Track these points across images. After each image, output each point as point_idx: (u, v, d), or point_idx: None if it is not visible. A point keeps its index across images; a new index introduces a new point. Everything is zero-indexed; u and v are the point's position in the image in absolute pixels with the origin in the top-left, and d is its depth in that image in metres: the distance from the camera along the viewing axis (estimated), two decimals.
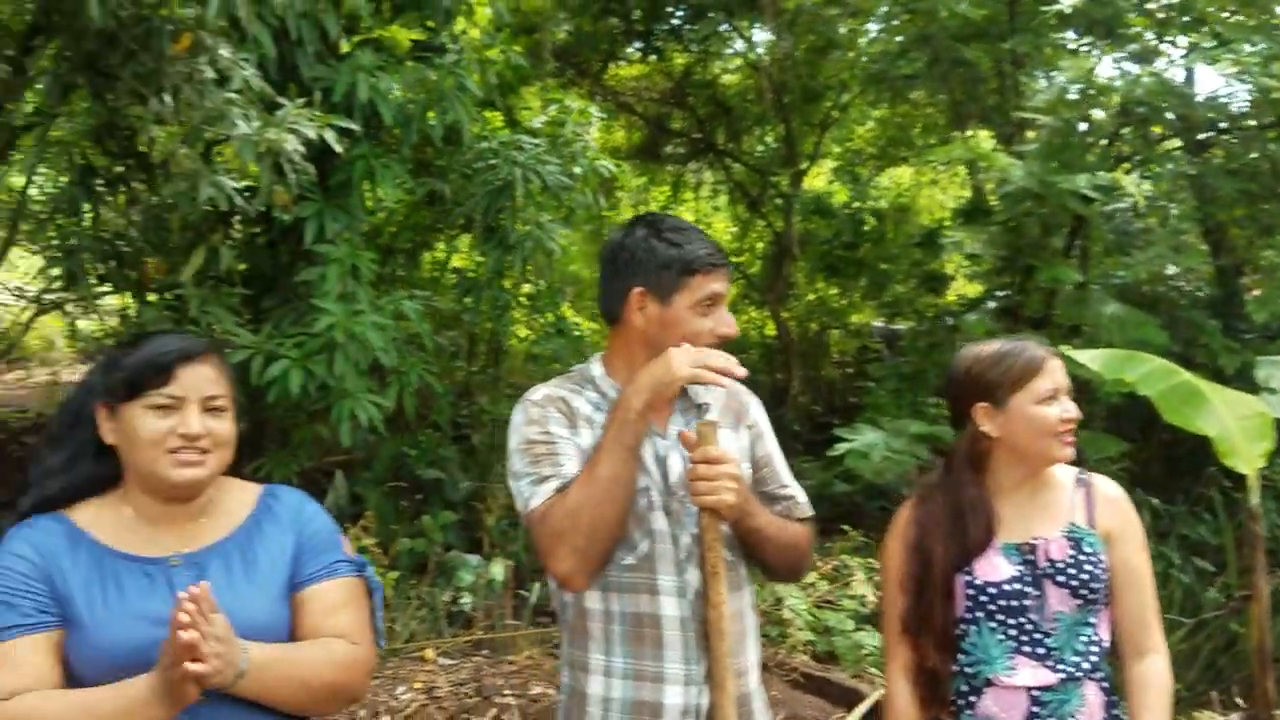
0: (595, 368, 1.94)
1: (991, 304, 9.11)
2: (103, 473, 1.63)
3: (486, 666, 4.38)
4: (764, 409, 2.09)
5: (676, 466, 1.84)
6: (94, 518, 1.60)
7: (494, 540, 5.69)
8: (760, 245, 14.59)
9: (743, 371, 1.73)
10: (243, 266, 5.15)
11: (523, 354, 9.24)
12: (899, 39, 9.77)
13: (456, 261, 7.47)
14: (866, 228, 12.30)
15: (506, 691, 4.06)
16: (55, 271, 4.60)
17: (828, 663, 4.69)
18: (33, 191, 8.80)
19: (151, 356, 1.57)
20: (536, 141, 5.38)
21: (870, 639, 4.73)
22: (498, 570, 5.33)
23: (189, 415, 1.56)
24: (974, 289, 11.19)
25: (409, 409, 5.27)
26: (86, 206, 4.71)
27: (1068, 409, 1.98)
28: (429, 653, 4.51)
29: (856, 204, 12.56)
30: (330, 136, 3.94)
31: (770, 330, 14.20)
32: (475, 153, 5.39)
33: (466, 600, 5.25)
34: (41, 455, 1.66)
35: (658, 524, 1.82)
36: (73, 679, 1.50)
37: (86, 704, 1.45)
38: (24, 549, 1.53)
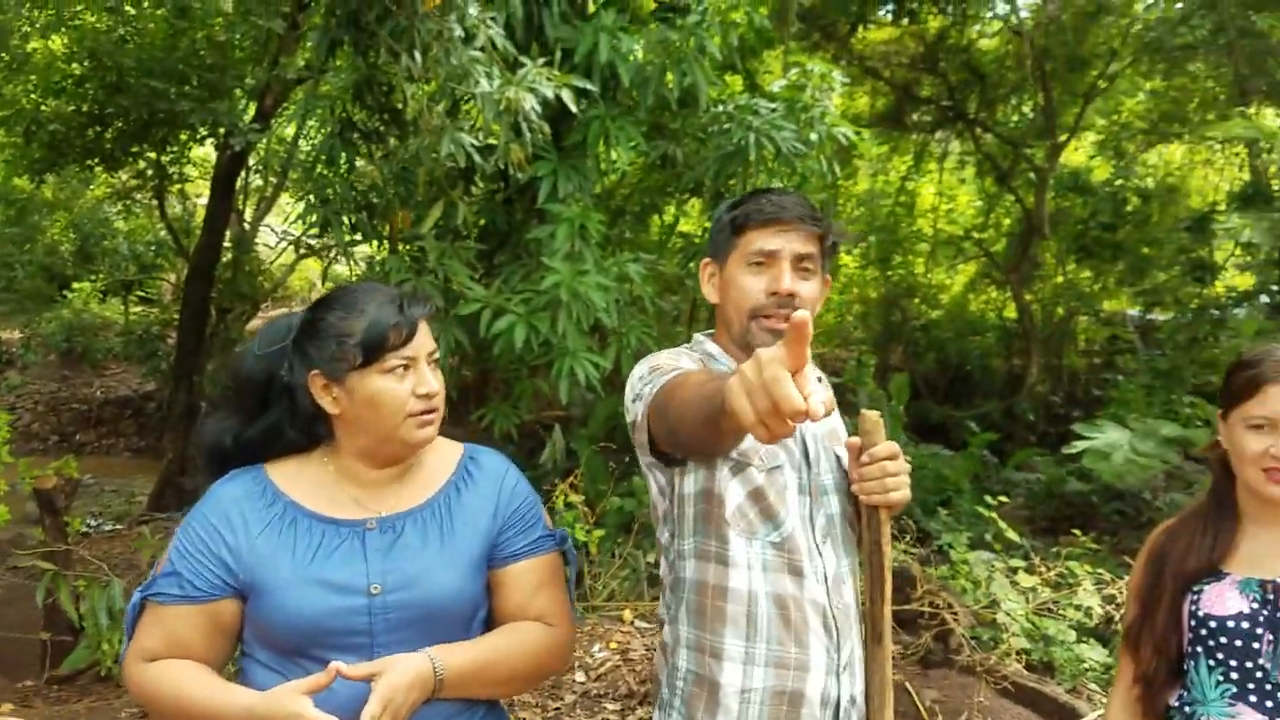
0: (709, 345, 1.81)
1: (1264, 298, 8.22)
2: (301, 440, 1.58)
3: None
4: None
5: (812, 444, 1.72)
6: (294, 476, 1.56)
7: None
8: (1007, 222, 13.82)
9: (818, 414, 1.06)
10: (480, 222, 5.34)
11: None
12: (1179, 4, 8.88)
13: (684, 226, 7.45)
14: (1129, 208, 11.36)
15: None
16: (311, 218, 4.92)
17: (1043, 674, 4.39)
18: (302, 144, 9.57)
19: (391, 319, 1.49)
20: (773, 106, 5.24)
21: (1093, 653, 4.39)
22: None
23: (424, 373, 1.53)
24: (1246, 281, 10.16)
25: (627, 370, 5.31)
26: (343, 158, 5.00)
27: (1277, 446, 1.69)
28: (627, 614, 4.56)
29: (1120, 181, 11.61)
30: (567, 96, 3.97)
31: (1010, 313, 13.48)
32: (710, 116, 5.31)
33: None
34: (226, 426, 1.60)
35: (793, 504, 1.67)
36: (266, 639, 1.50)
37: (191, 697, 1.43)
38: (215, 511, 1.50)
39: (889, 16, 11.68)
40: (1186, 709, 1.77)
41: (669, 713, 1.70)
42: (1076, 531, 6.12)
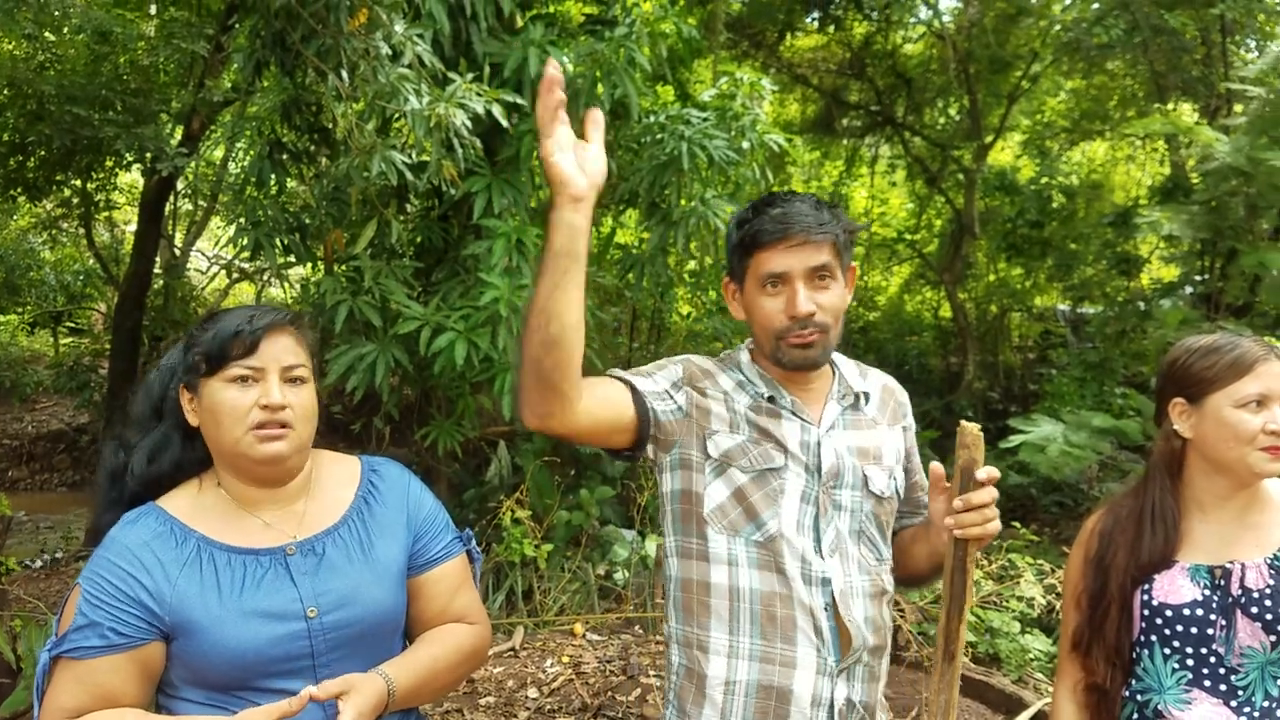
0: (743, 355, 1.86)
1: (1188, 289, 8.47)
2: (190, 457, 1.57)
3: (634, 645, 4.37)
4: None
5: (830, 458, 1.73)
6: (193, 508, 1.53)
7: (648, 517, 5.68)
8: (938, 223, 14.07)
9: (557, 76, 1.49)
10: (416, 240, 5.31)
11: (684, 331, 9.23)
12: (1095, 4, 9.14)
13: (621, 238, 7.48)
14: (1055, 205, 11.64)
15: (652, 672, 4.02)
16: (243, 242, 4.85)
17: (989, 665, 4.47)
18: (231, 166, 9.43)
19: (234, 327, 1.50)
20: (705, 115, 5.29)
21: (1037, 643, 4.48)
22: (651, 547, 5.33)
23: (270, 385, 1.50)
24: (1170, 273, 10.49)
25: None
26: (273, 180, 4.95)
27: (1276, 420, 1.72)
28: (578, 627, 4.54)
29: (1045, 180, 11.91)
30: (498, 111, 3.98)
31: (946, 312, 13.72)
32: (643, 127, 5.35)
33: (620, 576, 5.28)
34: (125, 441, 1.60)
35: (789, 509, 1.68)
36: (198, 679, 1.46)
37: None
38: (124, 556, 1.46)
39: (815, 24, 11.87)
40: (1139, 697, 1.79)
41: (667, 706, 1.77)
42: (1017, 524, 6.25)
